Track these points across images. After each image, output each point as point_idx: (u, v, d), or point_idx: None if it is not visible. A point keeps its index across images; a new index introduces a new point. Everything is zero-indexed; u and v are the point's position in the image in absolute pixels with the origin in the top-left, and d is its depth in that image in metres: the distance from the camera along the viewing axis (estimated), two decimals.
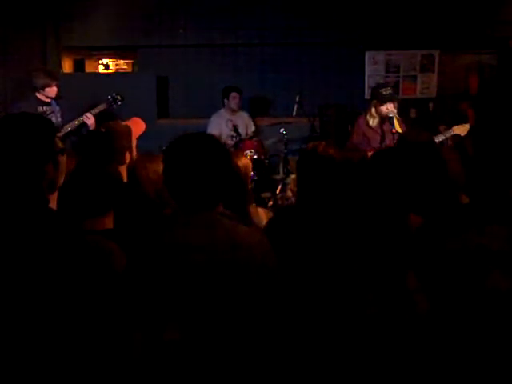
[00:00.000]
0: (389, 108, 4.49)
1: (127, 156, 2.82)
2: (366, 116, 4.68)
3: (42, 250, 1.56)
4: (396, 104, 4.55)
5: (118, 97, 5.25)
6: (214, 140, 1.80)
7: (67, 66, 7.57)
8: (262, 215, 2.64)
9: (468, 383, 1.86)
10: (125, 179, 2.71)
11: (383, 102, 4.52)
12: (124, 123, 3.01)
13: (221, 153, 1.76)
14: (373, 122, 4.60)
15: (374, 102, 4.61)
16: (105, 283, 1.69)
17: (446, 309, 1.90)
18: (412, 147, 2.33)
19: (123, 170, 2.73)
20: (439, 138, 4.48)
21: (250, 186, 2.73)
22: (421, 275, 1.94)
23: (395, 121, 4.44)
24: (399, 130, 4.39)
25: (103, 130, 2.89)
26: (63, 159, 1.77)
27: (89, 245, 1.75)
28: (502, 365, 1.84)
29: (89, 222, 2.07)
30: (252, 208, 2.67)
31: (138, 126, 3.19)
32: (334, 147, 2.19)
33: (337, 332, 1.89)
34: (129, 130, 2.92)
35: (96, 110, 5.09)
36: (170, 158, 1.75)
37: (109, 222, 2.13)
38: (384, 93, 4.57)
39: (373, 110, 4.60)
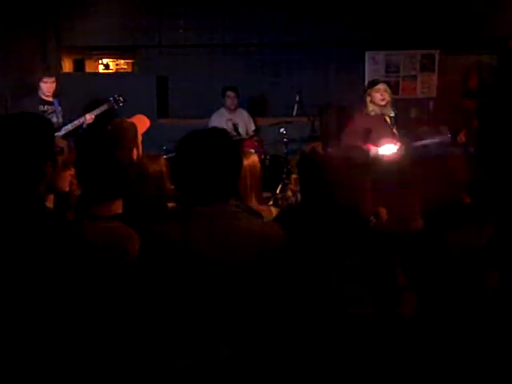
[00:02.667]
0: (383, 94, 4.46)
1: (134, 152, 2.86)
2: (363, 111, 4.64)
3: (37, 250, 1.56)
4: (390, 93, 4.51)
5: (120, 98, 5.25)
6: (226, 133, 1.81)
7: (67, 66, 7.57)
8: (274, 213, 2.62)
9: (464, 381, 1.87)
10: (132, 175, 2.74)
11: (373, 85, 4.52)
12: (128, 120, 3.04)
13: (233, 146, 1.77)
14: (372, 110, 4.54)
15: (368, 91, 4.58)
16: (110, 276, 1.69)
17: (444, 307, 1.91)
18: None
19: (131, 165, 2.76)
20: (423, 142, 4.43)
21: (258, 186, 2.71)
22: (419, 273, 1.95)
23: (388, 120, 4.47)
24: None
25: (110, 127, 2.92)
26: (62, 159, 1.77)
27: (89, 244, 1.75)
28: (500, 363, 1.84)
29: (97, 207, 2.07)
30: (262, 207, 2.67)
31: (142, 123, 3.25)
32: (332, 147, 2.19)
33: (332, 330, 1.89)
34: (134, 127, 2.97)
35: (97, 111, 5.09)
36: (184, 153, 1.75)
37: (118, 207, 2.14)
38: (375, 81, 4.61)
39: (368, 99, 4.56)
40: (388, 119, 4.49)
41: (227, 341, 1.62)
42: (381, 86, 4.49)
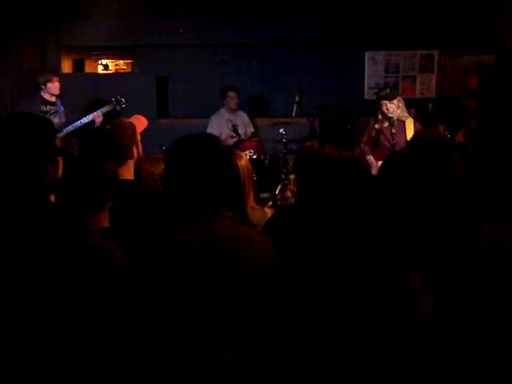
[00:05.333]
0: (389, 108, 4.53)
1: (135, 151, 2.93)
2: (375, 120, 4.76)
3: (44, 248, 1.57)
4: (398, 103, 4.58)
5: (123, 99, 5.30)
6: (215, 141, 1.79)
7: (67, 66, 7.57)
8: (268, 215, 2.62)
9: (469, 382, 1.87)
10: (132, 174, 2.79)
11: (377, 100, 4.61)
12: (127, 120, 3.11)
13: (222, 154, 1.75)
14: (379, 125, 4.65)
15: (377, 104, 4.69)
16: (106, 280, 1.70)
17: (445, 307, 1.91)
18: (424, 147, 2.33)
19: (131, 164, 2.83)
20: None
21: (254, 185, 2.71)
22: (421, 273, 1.94)
23: (411, 125, 4.51)
24: (409, 134, 4.43)
25: (109, 127, 2.99)
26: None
27: (90, 242, 1.75)
28: (502, 363, 1.85)
29: (84, 219, 2.08)
30: (257, 207, 2.67)
31: (140, 122, 3.34)
32: (329, 145, 2.17)
33: (339, 331, 1.88)
34: (133, 126, 3.06)
35: (103, 110, 5.13)
36: (173, 162, 1.73)
37: (104, 221, 2.15)
38: (380, 93, 4.65)
39: (378, 112, 4.67)
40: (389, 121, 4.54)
41: (229, 343, 1.62)
42: (382, 102, 4.56)
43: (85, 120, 5.06)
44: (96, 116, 5.06)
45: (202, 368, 1.61)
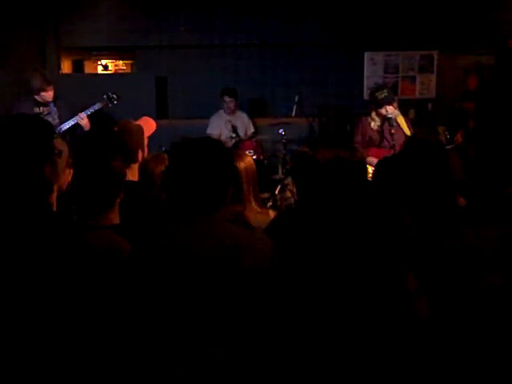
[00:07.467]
0: (388, 110, 4.52)
1: (140, 154, 2.86)
2: (368, 118, 4.73)
3: (42, 250, 1.57)
4: (395, 104, 4.57)
5: (115, 96, 5.21)
6: (218, 143, 1.81)
7: (66, 67, 7.58)
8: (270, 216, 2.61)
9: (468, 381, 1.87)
10: (136, 177, 2.75)
11: (379, 106, 4.56)
12: (135, 122, 3.04)
13: (224, 156, 1.77)
14: (374, 124, 4.65)
15: (373, 105, 4.65)
16: (107, 282, 1.70)
17: (442, 308, 1.91)
18: (421, 147, 2.32)
19: (135, 168, 2.77)
20: None
21: (256, 186, 2.70)
22: (417, 275, 1.95)
23: (403, 121, 4.50)
24: (406, 130, 4.42)
25: (116, 129, 2.92)
26: (60, 161, 1.77)
27: (91, 243, 1.75)
28: (499, 364, 1.85)
29: (94, 218, 2.09)
30: (260, 209, 2.66)
31: (149, 125, 3.24)
32: (323, 148, 2.17)
33: (337, 334, 1.89)
34: (141, 129, 2.98)
35: (91, 110, 5.07)
36: (174, 162, 1.75)
37: (115, 217, 2.15)
38: (379, 97, 4.60)
39: (373, 113, 4.64)
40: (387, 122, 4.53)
41: (222, 342, 1.63)
42: (384, 108, 4.54)
43: (66, 125, 4.98)
44: (79, 119, 4.98)
45: (196, 365, 1.61)
